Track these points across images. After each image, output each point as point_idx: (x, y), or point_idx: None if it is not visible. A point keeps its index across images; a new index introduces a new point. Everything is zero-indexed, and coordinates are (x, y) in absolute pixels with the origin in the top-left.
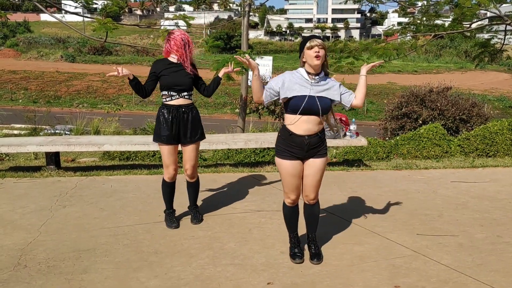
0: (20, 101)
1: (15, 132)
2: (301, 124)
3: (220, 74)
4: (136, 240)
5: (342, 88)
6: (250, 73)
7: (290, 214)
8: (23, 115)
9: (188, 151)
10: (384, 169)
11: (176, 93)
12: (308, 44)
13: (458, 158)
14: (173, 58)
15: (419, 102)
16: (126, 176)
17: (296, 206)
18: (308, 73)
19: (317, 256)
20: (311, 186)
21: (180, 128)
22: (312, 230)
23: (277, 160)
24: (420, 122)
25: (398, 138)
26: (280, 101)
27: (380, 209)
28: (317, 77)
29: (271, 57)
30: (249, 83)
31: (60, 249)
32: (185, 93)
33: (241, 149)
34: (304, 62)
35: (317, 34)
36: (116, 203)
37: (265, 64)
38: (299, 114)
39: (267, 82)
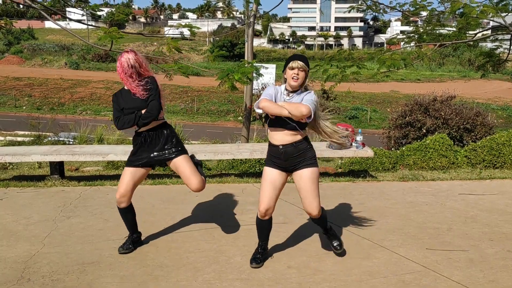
0: (24, 108)
1: (19, 139)
2: (274, 135)
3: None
4: (141, 253)
5: (308, 98)
6: (255, 82)
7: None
8: (27, 122)
9: None
10: (391, 180)
11: None
12: (290, 65)
13: (465, 169)
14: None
15: (423, 111)
16: None
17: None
18: (287, 89)
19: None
20: (305, 198)
21: None
22: (325, 227)
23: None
24: (424, 131)
25: (404, 148)
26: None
27: (388, 222)
28: (294, 93)
29: (274, 65)
30: (254, 92)
31: (64, 262)
32: None
33: (246, 159)
34: (285, 79)
35: (302, 54)
36: None
37: (268, 72)
38: (270, 126)
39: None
